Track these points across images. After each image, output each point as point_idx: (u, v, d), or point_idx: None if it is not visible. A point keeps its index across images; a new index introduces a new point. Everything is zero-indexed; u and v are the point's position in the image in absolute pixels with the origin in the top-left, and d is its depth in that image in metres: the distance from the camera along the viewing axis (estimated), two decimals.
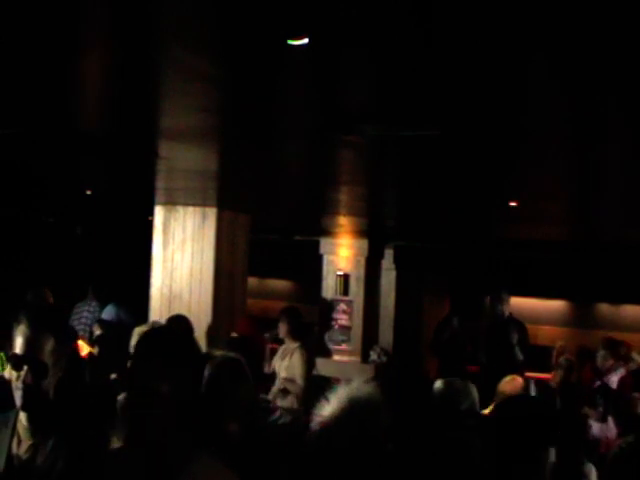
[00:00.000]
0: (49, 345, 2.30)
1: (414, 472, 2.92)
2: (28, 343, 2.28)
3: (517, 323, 8.17)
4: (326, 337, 11.27)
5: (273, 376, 6.27)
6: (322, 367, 8.49)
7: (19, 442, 2.34)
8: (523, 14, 2.21)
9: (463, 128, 3.87)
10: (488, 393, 4.63)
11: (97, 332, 5.42)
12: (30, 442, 2.33)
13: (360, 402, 2.12)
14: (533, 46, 2.51)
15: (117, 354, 4.73)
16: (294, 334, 6.35)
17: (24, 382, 2.27)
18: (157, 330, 2.58)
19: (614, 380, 7.06)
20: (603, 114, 3.42)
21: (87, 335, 7.84)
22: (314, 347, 10.39)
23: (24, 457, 2.31)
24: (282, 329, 6.42)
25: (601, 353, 7.43)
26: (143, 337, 2.30)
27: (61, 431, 2.34)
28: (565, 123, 3.67)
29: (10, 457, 2.32)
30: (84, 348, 5.34)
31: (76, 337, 4.55)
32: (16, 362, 2.28)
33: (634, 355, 7.65)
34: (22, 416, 2.34)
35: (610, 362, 7.30)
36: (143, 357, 2.09)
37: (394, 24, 2.39)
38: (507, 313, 8.13)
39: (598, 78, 2.81)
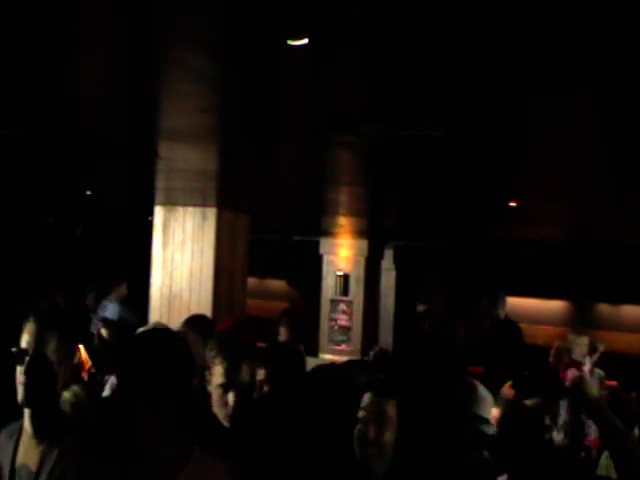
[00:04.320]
0: (53, 343, 2.23)
1: None
2: (34, 339, 2.22)
3: (512, 325, 8.09)
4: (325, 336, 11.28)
5: None
6: None
7: (25, 452, 2.25)
8: (530, 14, 2.21)
9: (466, 129, 3.87)
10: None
11: (103, 331, 5.31)
12: (36, 452, 2.24)
13: None
14: (536, 47, 2.50)
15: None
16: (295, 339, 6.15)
17: (25, 373, 2.19)
18: (155, 331, 2.55)
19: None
20: (604, 116, 3.42)
21: None
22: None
23: (28, 470, 2.22)
24: (283, 333, 6.24)
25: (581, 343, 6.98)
26: (143, 339, 2.30)
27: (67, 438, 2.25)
28: (566, 124, 3.67)
29: (13, 470, 2.24)
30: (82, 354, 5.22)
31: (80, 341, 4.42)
32: (20, 356, 2.21)
33: (597, 345, 7.31)
34: (27, 424, 2.26)
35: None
36: (152, 359, 2.07)
37: (394, 24, 2.39)
38: (503, 315, 8.07)
39: (599, 79, 2.81)
